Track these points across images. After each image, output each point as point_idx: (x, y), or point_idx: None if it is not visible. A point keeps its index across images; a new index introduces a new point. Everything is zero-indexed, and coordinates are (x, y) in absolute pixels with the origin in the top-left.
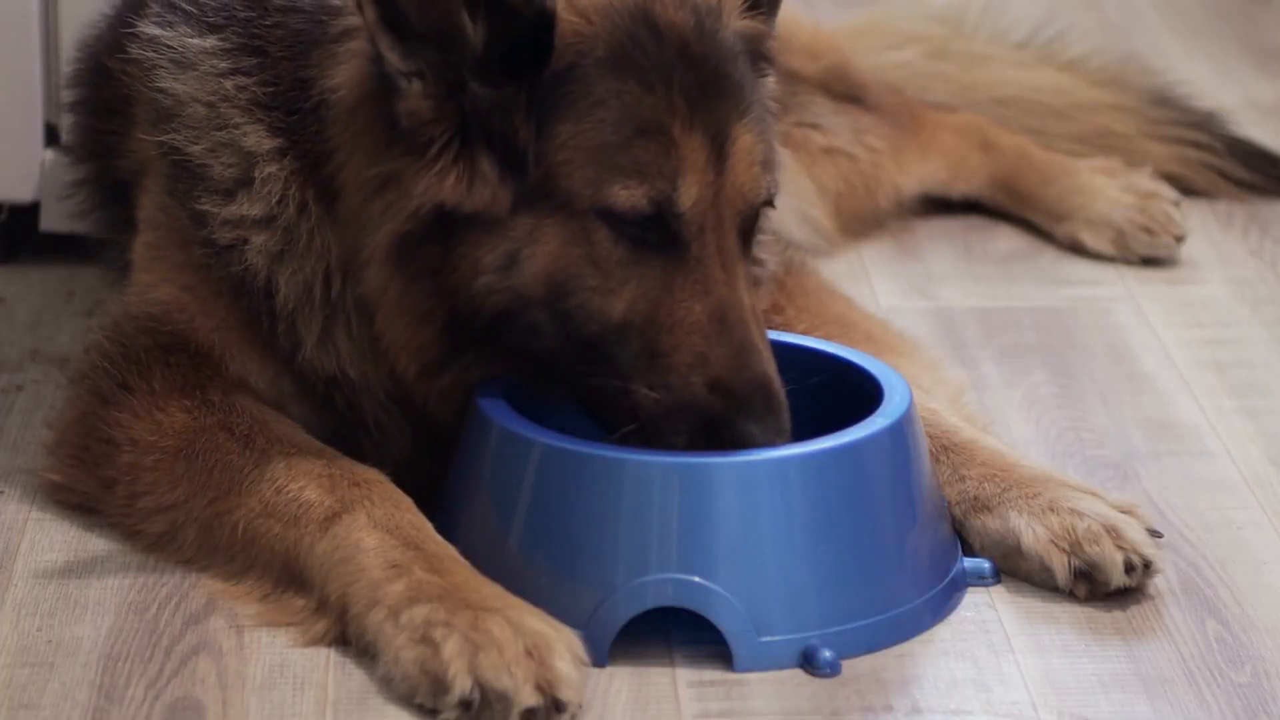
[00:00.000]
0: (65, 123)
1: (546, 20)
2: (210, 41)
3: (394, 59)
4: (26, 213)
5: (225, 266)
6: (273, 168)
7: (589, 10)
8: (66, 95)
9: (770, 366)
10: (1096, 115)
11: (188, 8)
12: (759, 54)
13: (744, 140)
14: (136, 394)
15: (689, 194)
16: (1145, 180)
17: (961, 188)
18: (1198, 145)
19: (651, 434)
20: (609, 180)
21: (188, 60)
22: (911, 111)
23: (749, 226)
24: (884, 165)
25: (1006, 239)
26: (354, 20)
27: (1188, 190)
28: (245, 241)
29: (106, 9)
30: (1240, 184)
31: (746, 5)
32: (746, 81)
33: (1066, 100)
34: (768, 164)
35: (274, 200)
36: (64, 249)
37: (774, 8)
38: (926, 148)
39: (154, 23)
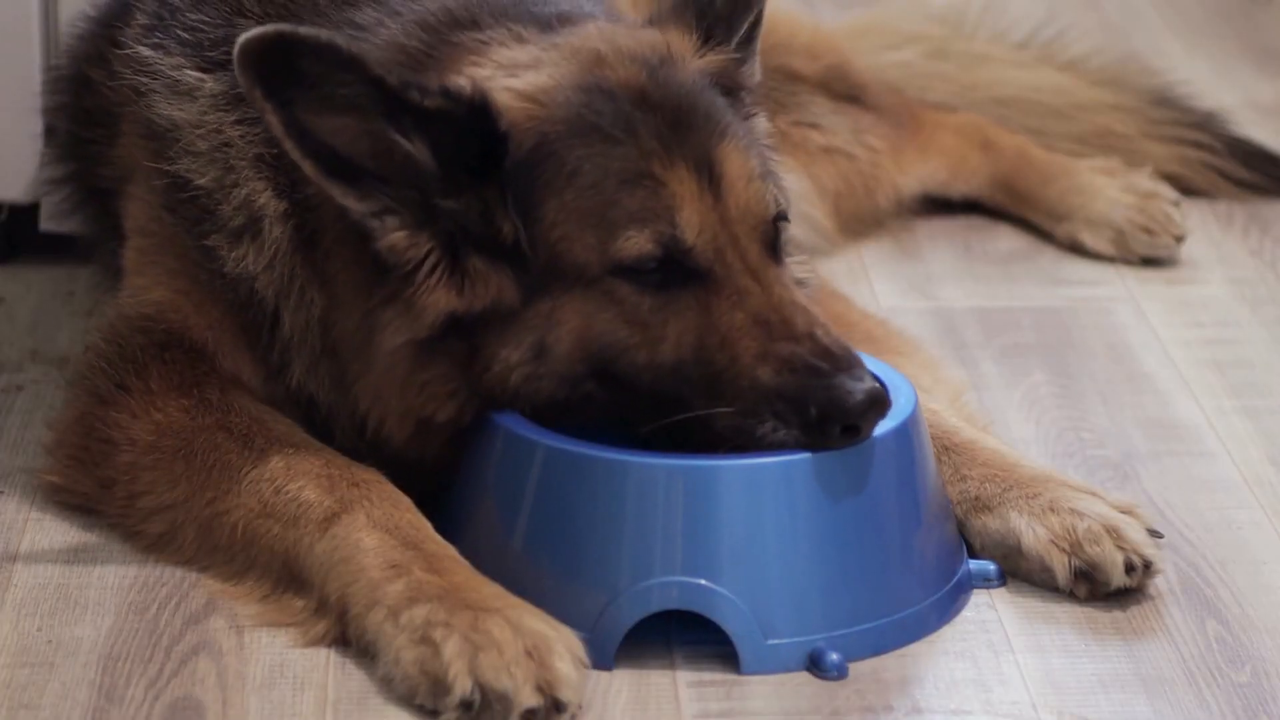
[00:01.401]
0: (46, 123)
1: (481, 110)
2: (210, 82)
3: (353, 204)
4: (26, 213)
5: (232, 289)
6: (279, 230)
7: (536, 95)
8: (49, 99)
9: (835, 338)
10: (1096, 115)
11: (183, 34)
12: (730, 86)
13: (732, 160)
14: (134, 394)
15: (691, 224)
16: (1145, 180)
17: (961, 188)
18: (1198, 145)
19: (746, 442)
20: (611, 238)
21: (185, 90)
22: (911, 111)
23: (771, 240)
24: (884, 165)
25: (1006, 239)
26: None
27: (1188, 190)
28: (254, 278)
29: (88, 10)
30: (1240, 184)
31: (701, 44)
32: (718, 108)
33: (1066, 100)
34: (766, 176)
35: (273, 255)
36: (64, 249)
37: (735, 32)
38: (926, 147)
39: (145, 44)
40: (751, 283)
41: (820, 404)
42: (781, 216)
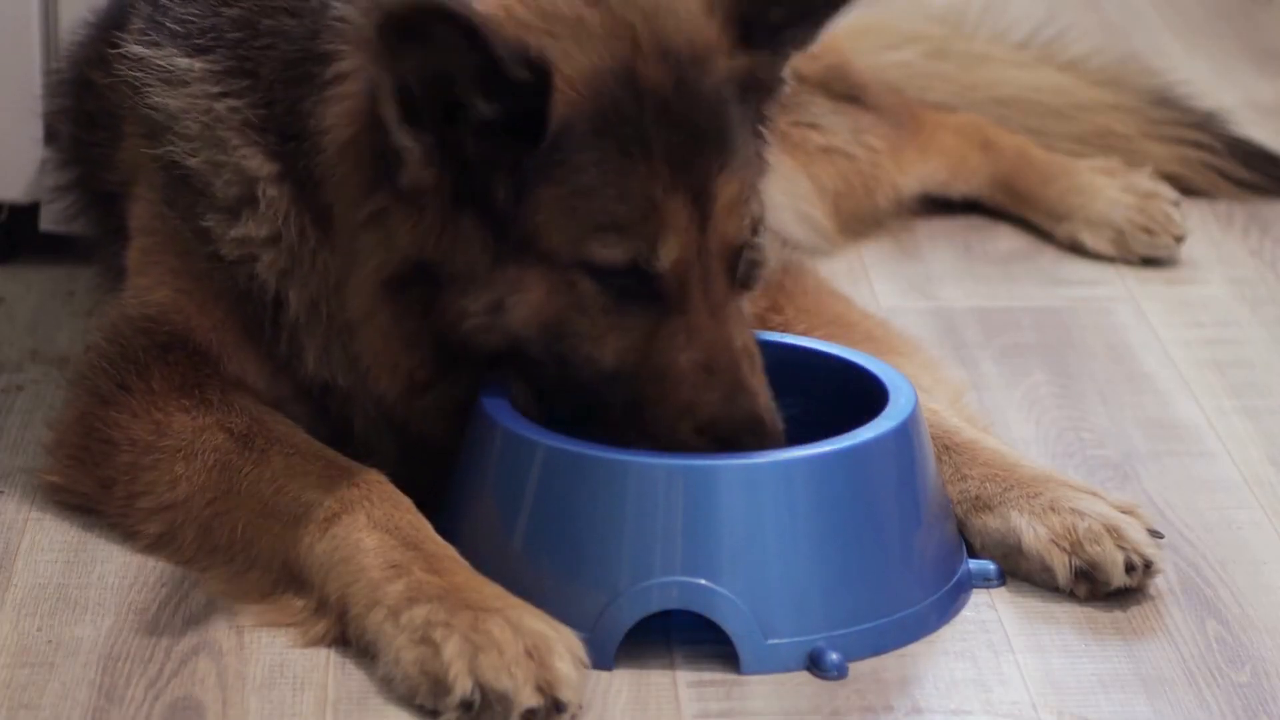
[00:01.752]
0: (48, 128)
1: (544, 92)
2: (199, 63)
3: (409, 144)
4: (26, 213)
5: (231, 279)
6: (274, 191)
7: (576, 80)
8: (51, 103)
9: (762, 401)
10: (1096, 115)
11: (174, 27)
12: (755, 86)
13: (727, 193)
14: (135, 394)
15: (669, 254)
16: (1145, 180)
17: (961, 188)
18: (1198, 145)
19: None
20: (589, 236)
21: (177, 78)
22: (911, 111)
23: (736, 265)
24: (883, 165)
25: (1006, 239)
26: (346, 65)
27: (1188, 190)
28: (254, 259)
29: (88, 16)
30: (1240, 184)
31: (737, 41)
32: (731, 127)
33: (1066, 100)
34: (749, 198)
35: (279, 222)
36: (64, 249)
37: (778, 39)
38: (926, 147)
39: (140, 43)
40: (707, 319)
41: None
42: (751, 242)
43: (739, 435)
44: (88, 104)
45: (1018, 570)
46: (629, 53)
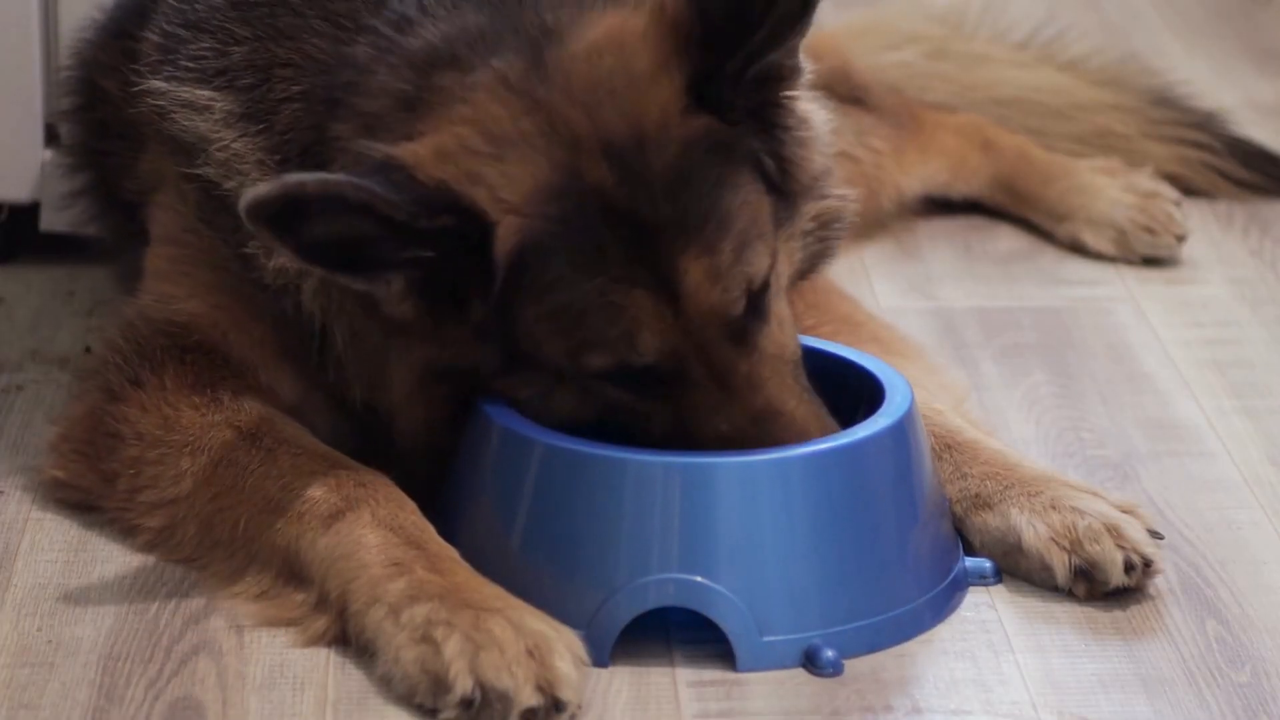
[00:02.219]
0: (63, 130)
1: (484, 230)
2: (220, 102)
3: (361, 286)
4: (26, 213)
5: (277, 305)
6: None
7: (521, 203)
8: (62, 103)
9: (793, 432)
10: (1096, 115)
11: (188, 64)
12: (719, 144)
13: (694, 270)
14: (147, 389)
15: (649, 346)
16: (1146, 180)
17: (962, 188)
18: (1198, 145)
19: None
20: (578, 353)
21: (201, 105)
22: (912, 112)
23: (742, 326)
24: (886, 166)
25: (1006, 239)
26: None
27: (1188, 190)
28: (298, 288)
29: (96, 15)
30: (1240, 184)
31: (689, 103)
32: (693, 203)
33: (1066, 100)
34: (737, 265)
35: None
36: (64, 249)
37: (743, 53)
38: (927, 148)
39: (158, 78)
40: (719, 393)
41: None
42: (757, 294)
43: None
44: (99, 111)
45: (1017, 569)
46: (571, 157)
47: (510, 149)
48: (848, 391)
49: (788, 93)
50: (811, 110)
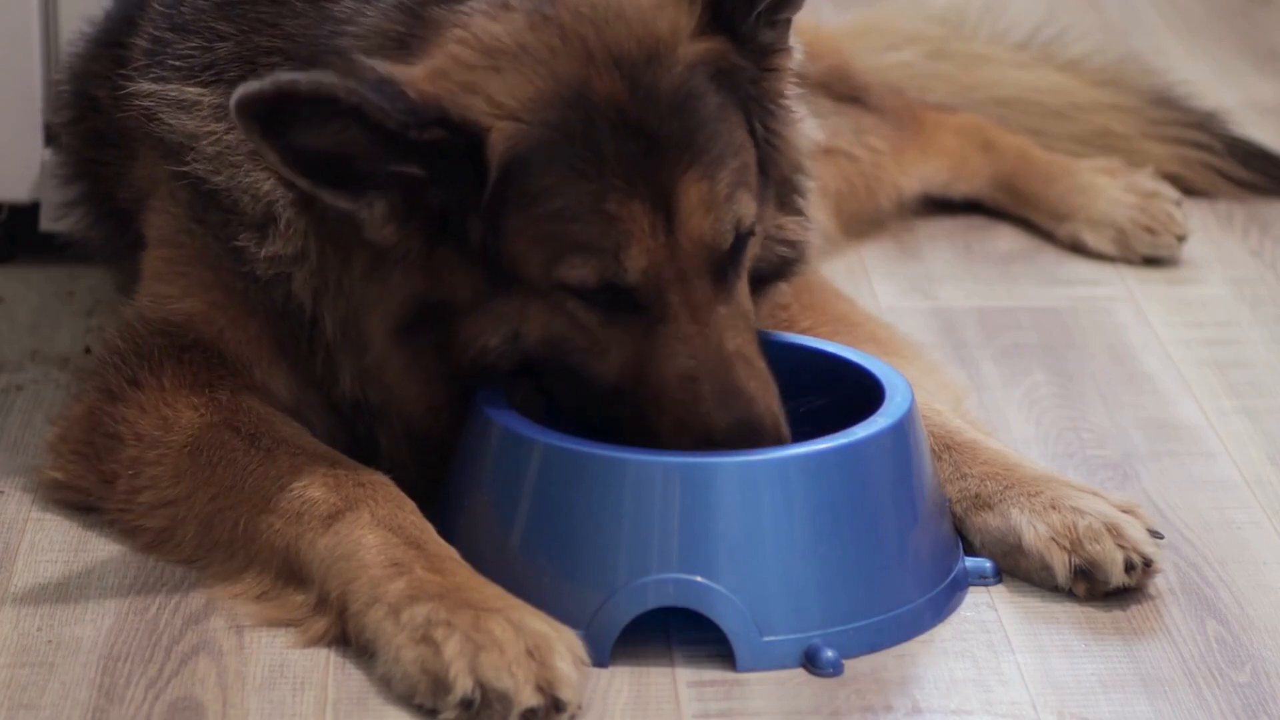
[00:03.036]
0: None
1: (478, 140)
2: (207, 97)
3: (345, 204)
4: (26, 213)
5: (268, 297)
6: (290, 213)
7: (519, 111)
8: (56, 115)
9: (758, 406)
10: (1096, 115)
11: (175, 63)
12: (736, 68)
13: (693, 193)
14: (146, 390)
15: (635, 264)
16: (1146, 180)
17: (962, 188)
18: (1198, 145)
19: None
20: (557, 261)
21: (188, 103)
22: (912, 112)
23: (725, 266)
24: (885, 166)
25: (1006, 239)
26: None
27: (1188, 190)
28: (288, 277)
29: (86, 28)
30: (1240, 184)
31: (707, 24)
32: (698, 126)
33: (1066, 100)
34: (730, 200)
35: (300, 241)
36: (64, 249)
37: (747, 12)
38: (927, 148)
39: (146, 78)
40: (691, 325)
41: None
42: (741, 239)
43: (737, 444)
44: (93, 121)
45: (1017, 569)
46: (581, 68)
47: (510, 61)
48: (847, 392)
49: (786, 42)
50: (801, 111)
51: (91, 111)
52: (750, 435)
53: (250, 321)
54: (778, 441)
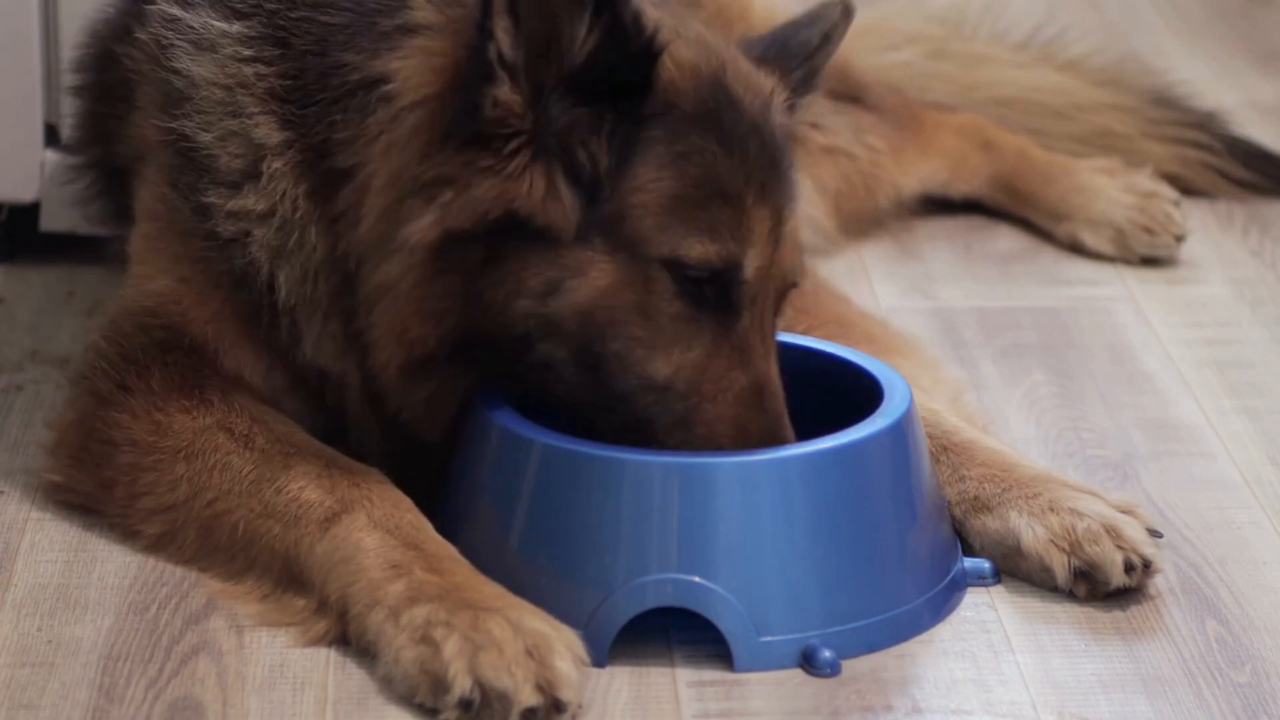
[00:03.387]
0: (68, 108)
1: (653, 55)
2: (236, 26)
3: (506, 44)
4: (26, 213)
5: (227, 260)
6: (278, 163)
7: (684, 65)
8: (70, 79)
9: (789, 433)
10: (1096, 115)
11: None
12: (793, 139)
13: (793, 223)
14: (135, 394)
15: (753, 262)
16: (1145, 180)
17: (962, 188)
18: (1198, 145)
19: None
20: (684, 231)
21: (208, 42)
22: (912, 111)
23: (783, 302)
24: (884, 165)
25: (1006, 239)
26: (421, 15)
27: (1188, 190)
28: (248, 235)
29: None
30: (1240, 184)
31: (787, 101)
32: (795, 168)
33: (1066, 100)
34: (803, 249)
35: (276, 196)
36: (64, 249)
37: (805, 94)
38: (927, 148)
39: (176, 3)
40: (759, 344)
41: None
42: (796, 284)
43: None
44: (106, 76)
45: (1017, 571)
46: (721, 68)
47: (677, 34)
48: (845, 391)
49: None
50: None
51: (107, 65)
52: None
53: (213, 295)
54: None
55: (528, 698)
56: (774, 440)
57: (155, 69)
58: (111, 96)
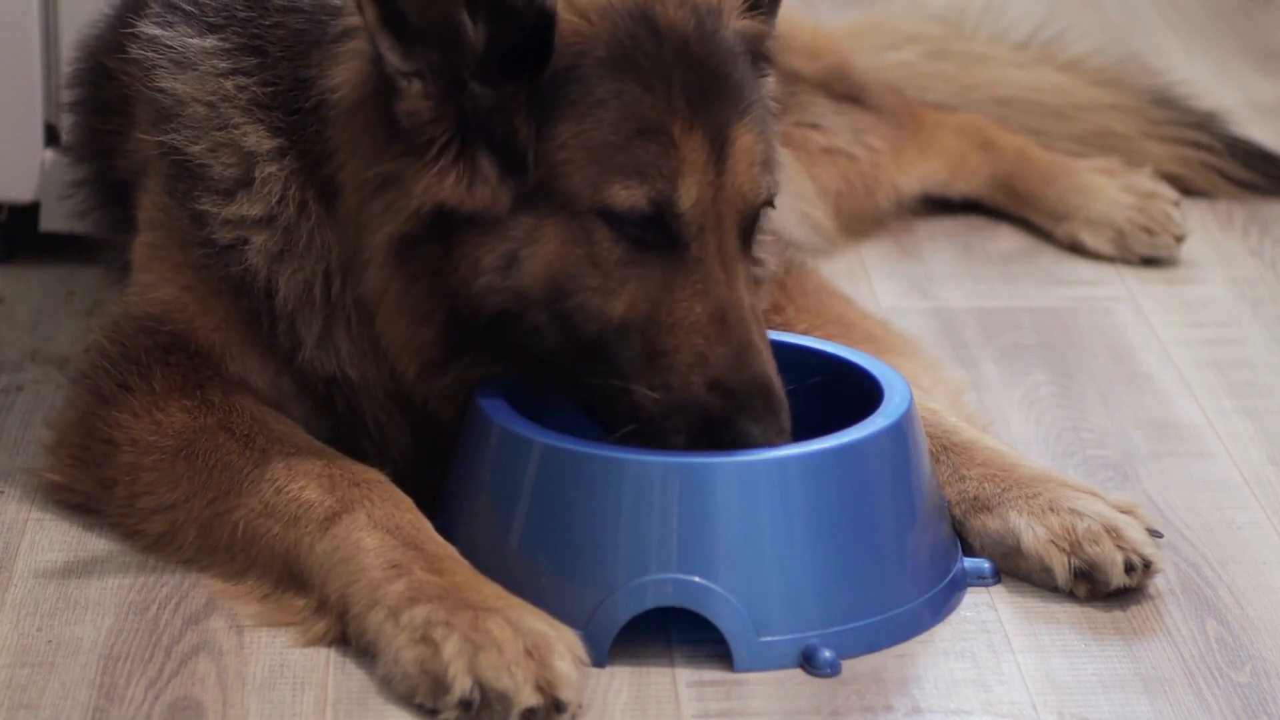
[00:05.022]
0: (66, 122)
1: (547, 20)
2: (210, 41)
3: (394, 59)
4: (26, 213)
5: (225, 266)
6: (273, 168)
7: (589, 10)
8: (66, 95)
9: (770, 367)
10: (1096, 115)
11: (188, 8)
12: (759, 54)
13: (744, 140)
14: (136, 394)
15: (689, 195)
16: (1145, 180)
17: (961, 188)
18: (1198, 145)
19: (651, 434)
20: (609, 180)
21: (187, 60)
22: (911, 111)
23: (749, 227)
24: (884, 165)
25: (1006, 239)
26: (354, 20)
27: (1188, 190)
28: (245, 241)
29: (107, 9)
30: (1240, 184)
31: (746, 5)
32: (746, 82)
33: (1066, 100)
34: (767, 164)
35: (274, 200)
36: (64, 249)
37: (774, 7)
38: (926, 148)
39: (154, 23)
40: (719, 271)
41: (735, 440)
42: (768, 203)
43: (749, 396)
44: (102, 91)
45: (1017, 571)
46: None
47: None
48: (845, 392)
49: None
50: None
51: (103, 82)
52: (763, 392)
53: (217, 303)
54: (784, 409)
55: (528, 698)
56: (744, 370)
57: (144, 88)
58: (108, 112)
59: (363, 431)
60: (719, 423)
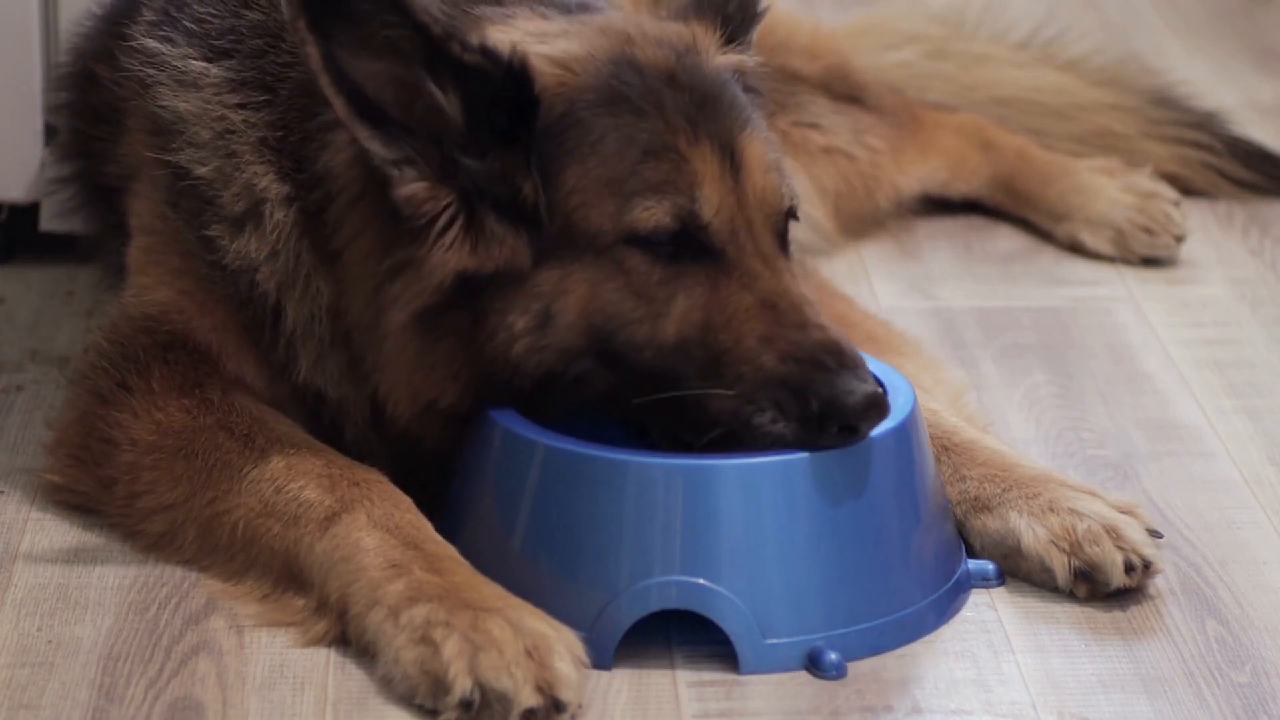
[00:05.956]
0: (48, 123)
1: (518, 72)
2: (217, 69)
3: (376, 148)
4: (26, 213)
5: (232, 284)
6: (280, 215)
7: (569, 62)
8: (55, 97)
9: (838, 333)
10: (1096, 115)
11: (190, 25)
12: (747, 85)
13: (753, 148)
14: (136, 394)
15: (710, 203)
16: (1145, 180)
17: (961, 188)
18: (1198, 145)
19: (741, 429)
20: (628, 206)
21: (189, 80)
22: (911, 111)
23: (782, 232)
24: (884, 165)
25: (1006, 239)
26: (333, 113)
27: (1188, 190)
28: (255, 269)
29: (95, 9)
30: (1240, 184)
31: (724, 40)
32: (740, 99)
33: (1066, 100)
34: (782, 171)
35: (279, 243)
36: (64, 249)
37: (749, 26)
38: (926, 148)
39: (153, 37)
40: (762, 267)
41: (822, 399)
42: (792, 212)
43: (822, 356)
44: (92, 98)
45: (1017, 571)
46: (623, 44)
47: (558, 37)
48: None
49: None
50: None
51: (91, 88)
52: (835, 352)
53: (216, 309)
54: (862, 368)
55: (528, 698)
56: (812, 337)
57: (141, 102)
58: (97, 118)
59: (342, 449)
60: (805, 387)
